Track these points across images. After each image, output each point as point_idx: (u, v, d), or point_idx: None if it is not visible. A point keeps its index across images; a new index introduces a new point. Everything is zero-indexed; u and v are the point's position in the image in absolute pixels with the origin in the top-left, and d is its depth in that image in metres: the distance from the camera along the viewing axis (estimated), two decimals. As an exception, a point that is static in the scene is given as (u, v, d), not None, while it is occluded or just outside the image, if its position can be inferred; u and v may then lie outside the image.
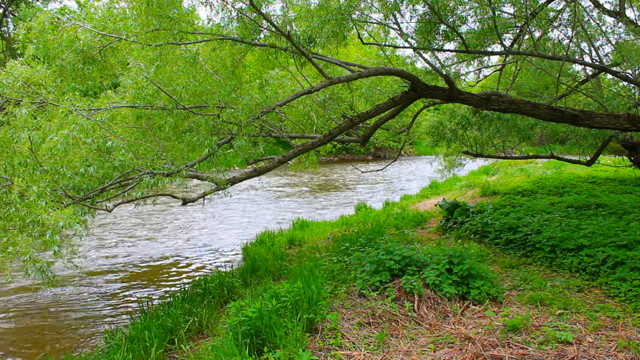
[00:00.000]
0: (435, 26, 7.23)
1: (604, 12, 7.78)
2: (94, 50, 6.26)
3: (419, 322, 4.53)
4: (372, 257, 5.70)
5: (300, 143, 7.27)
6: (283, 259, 7.53)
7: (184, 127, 5.67)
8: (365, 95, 9.22)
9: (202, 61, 6.32)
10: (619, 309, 4.65)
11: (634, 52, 7.18)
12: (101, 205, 5.32)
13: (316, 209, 14.82)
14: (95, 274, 8.49)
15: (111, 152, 4.55)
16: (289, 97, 6.30)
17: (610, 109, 7.94)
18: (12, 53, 23.30)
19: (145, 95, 4.94)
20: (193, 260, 9.28)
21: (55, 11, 25.11)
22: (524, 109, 6.51)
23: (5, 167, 4.40)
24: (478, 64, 9.91)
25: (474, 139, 11.51)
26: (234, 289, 6.32)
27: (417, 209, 11.43)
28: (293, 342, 3.95)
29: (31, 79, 5.42)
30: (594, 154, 10.34)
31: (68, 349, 5.59)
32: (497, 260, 6.58)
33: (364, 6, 7.51)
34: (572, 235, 6.52)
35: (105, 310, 6.83)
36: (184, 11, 6.30)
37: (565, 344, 3.92)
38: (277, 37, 6.81)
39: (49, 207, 3.79)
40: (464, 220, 8.58)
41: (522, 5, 7.03)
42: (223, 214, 13.92)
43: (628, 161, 11.88)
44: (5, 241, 4.23)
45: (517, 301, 5.01)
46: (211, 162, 5.99)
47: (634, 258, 5.40)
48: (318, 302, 4.67)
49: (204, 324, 5.17)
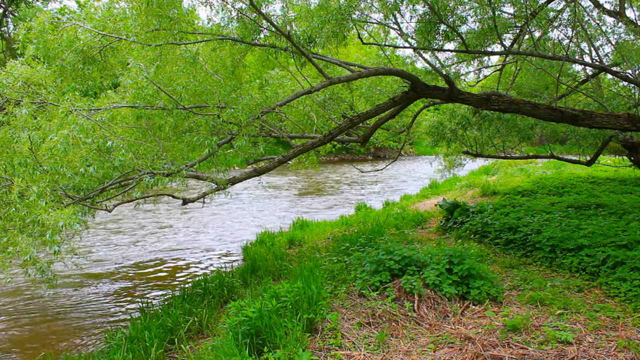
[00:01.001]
0: (435, 26, 7.23)
1: (604, 12, 7.78)
2: (94, 50, 6.26)
3: (419, 322, 4.53)
4: (372, 257, 5.70)
5: (300, 143, 7.27)
6: (283, 259, 7.53)
7: (184, 127, 5.67)
8: (365, 95, 9.22)
9: (202, 61, 6.32)
10: (619, 309, 4.66)
11: (634, 52, 7.18)
12: (101, 205, 5.32)
13: (316, 209, 14.82)
14: (95, 273, 8.49)
15: (111, 152, 4.56)
16: (289, 97, 6.30)
17: (610, 109, 7.94)
18: (12, 53, 23.31)
19: (145, 95, 4.94)
20: (193, 260, 9.28)
21: (55, 11, 25.12)
22: (524, 109, 6.51)
23: (5, 167, 4.40)
24: (478, 64, 9.91)
25: (474, 139, 11.51)
26: (234, 289, 6.32)
27: (417, 209, 11.43)
28: (293, 342, 3.95)
29: (31, 79, 5.42)
30: (594, 154, 10.33)
31: (68, 349, 5.59)
32: (497, 260, 6.58)
33: (364, 6, 7.52)
34: (572, 235, 6.52)
35: (105, 310, 6.83)
36: (184, 11, 6.30)
37: (565, 344, 3.93)
38: (277, 37, 6.81)
39: (49, 207, 3.79)
40: (464, 220, 8.58)
41: (522, 5, 7.03)
42: (223, 214, 13.92)
43: (628, 161, 11.88)
44: (6, 241, 4.23)
45: (517, 301, 5.01)
46: (211, 162, 5.99)
47: (634, 258, 5.40)
48: (318, 302, 4.67)
49: (204, 324, 5.17)
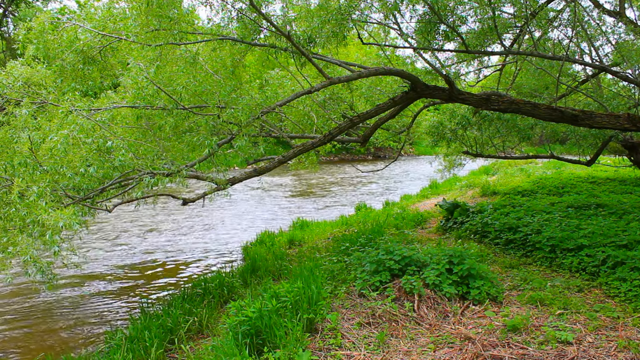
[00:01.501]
0: (435, 26, 7.23)
1: (604, 12, 7.78)
2: (94, 51, 6.26)
3: (419, 322, 4.53)
4: (372, 257, 5.70)
5: (300, 143, 7.26)
6: (283, 259, 7.53)
7: (184, 127, 5.67)
8: (365, 95, 9.22)
9: (202, 61, 6.32)
10: (619, 309, 4.66)
11: (634, 52, 7.18)
12: (101, 205, 5.32)
13: (316, 209, 14.82)
14: (94, 273, 8.49)
15: (111, 152, 4.56)
16: (289, 97, 6.30)
17: (610, 109, 7.94)
18: (12, 53, 23.31)
19: (145, 96, 4.95)
20: (193, 260, 9.28)
21: (55, 11, 25.15)
22: (524, 109, 6.51)
23: (6, 167, 4.40)
24: (478, 64, 9.91)
25: (474, 139, 11.51)
26: (234, 289, 6.32)
27: (417, 209, 11.43)
28: (293, 342, 3.95)
29: (31, 79, 5.42)
30: (594, 154, 10.33)
31: (68, 349, 5.59)
32: (497, 260, 6.58)
33: (364, 6, 7.51)
34: (572, 235, 6.52)
35: (105, 310, 6.83)
36: (184, 11, 6.30)
37: (565, 344, 3.93)
38: (277, 37, 6.81)
39: (49, 207, 3.79)
40: (464, 220, 8.58)
41: (522, 5, 7.03)
42: (223, 214, 13.92)
43: (628, 161, 11.87)
44: (6, 241, 4.23)
45: (517, 301, 5.01)
46: (211, 162, 5.98)
47: (634, 258, 5.40)
48: (318, 302, 4.67)
49: (204, 324, 5.17)
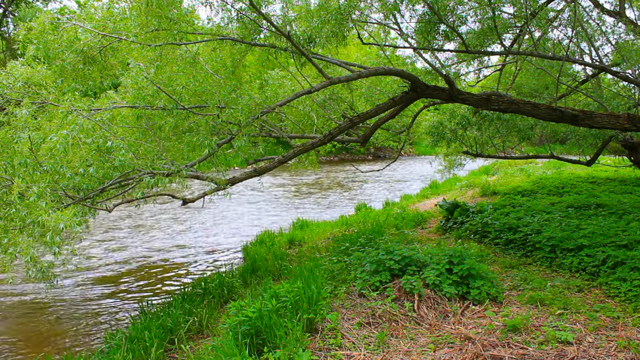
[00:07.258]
0: (435, 26, 7.24)
1: (604, 12, 7.79)
2: (94, 51, 6.26)
3: (419, 322, 4.53)
4: (372, 257, 5.70)
5: (300, 143, 7.26)
6: (283, 259, 7.53)
7: (184, 127, 5.68)
8: (365, 95, 9.22)
9: (202, 61, 6.32)
10: (619, 309, 4.66)
11: (634, 52, 7.19)
12: (101, 206, 5.32)
13: (316, 209, 14.82)
14: (95, 274, 8.49)
15: (111, 152, 4.56)
16: (289, 97, 6.30)
17: (610, 109, 7.95)
18: (13, 53, 23.31)
19: (145, 96, 4.95)
20: (193, 260, 9.28)
21: (55, 11, 25.12)
22: (524, 109, 6.51)
23: (6, 167, 4.41)
24: (478, 64, 9.92)
25: (474, 139, 11.51)
26: (234, 289, 6.32)
27: (417, 209, 11.42)
28: (293, 342, 3.95)
29: (31, 80, 5.42)
30: (594, 154, 10.34)
31: (68, 349, 5.60)
32: (497, 260, 6.58)
33: (364, 6, 7.52)
34: (572, 235, 6.52)
35: (105, 310, 6.83)
36: (183, 11, 6.30)
37: (565, 344, 3.93)
38: (277, 37, 6.81)
39: (49, 207, 3.79)
40: (464, 220, 8.58)
41: (522, 5, 7.03)
42: (223, 214, 13.92)
43: (628, 161, 11.87)
44: (7, 242, 4.24)
45: (517, 301, 5.01)
46: (211, 162, 5.98)
47: (634, 258, 5.40)
48: (318, 302, 4.67)
49: (204, 324, 5.17)
